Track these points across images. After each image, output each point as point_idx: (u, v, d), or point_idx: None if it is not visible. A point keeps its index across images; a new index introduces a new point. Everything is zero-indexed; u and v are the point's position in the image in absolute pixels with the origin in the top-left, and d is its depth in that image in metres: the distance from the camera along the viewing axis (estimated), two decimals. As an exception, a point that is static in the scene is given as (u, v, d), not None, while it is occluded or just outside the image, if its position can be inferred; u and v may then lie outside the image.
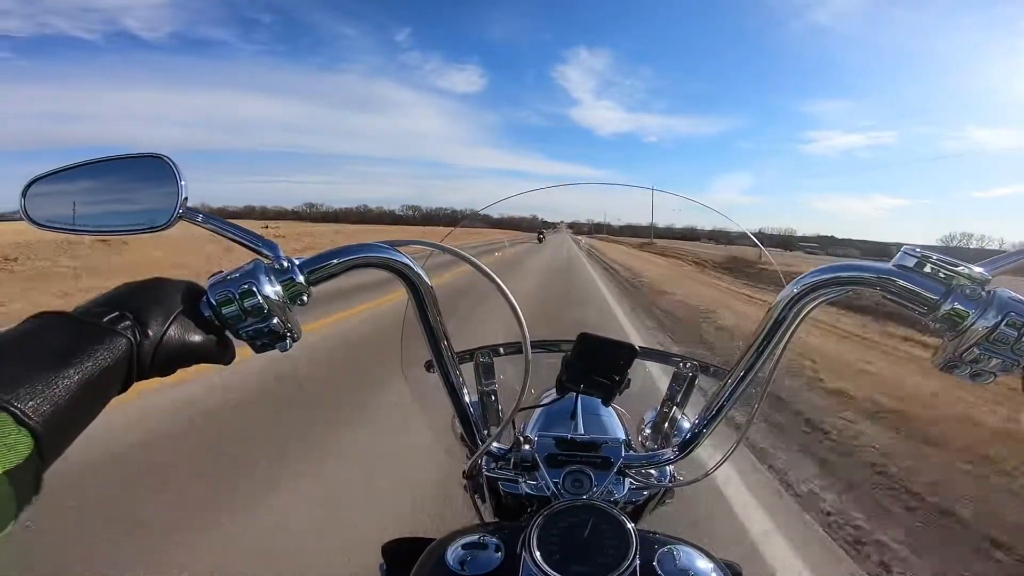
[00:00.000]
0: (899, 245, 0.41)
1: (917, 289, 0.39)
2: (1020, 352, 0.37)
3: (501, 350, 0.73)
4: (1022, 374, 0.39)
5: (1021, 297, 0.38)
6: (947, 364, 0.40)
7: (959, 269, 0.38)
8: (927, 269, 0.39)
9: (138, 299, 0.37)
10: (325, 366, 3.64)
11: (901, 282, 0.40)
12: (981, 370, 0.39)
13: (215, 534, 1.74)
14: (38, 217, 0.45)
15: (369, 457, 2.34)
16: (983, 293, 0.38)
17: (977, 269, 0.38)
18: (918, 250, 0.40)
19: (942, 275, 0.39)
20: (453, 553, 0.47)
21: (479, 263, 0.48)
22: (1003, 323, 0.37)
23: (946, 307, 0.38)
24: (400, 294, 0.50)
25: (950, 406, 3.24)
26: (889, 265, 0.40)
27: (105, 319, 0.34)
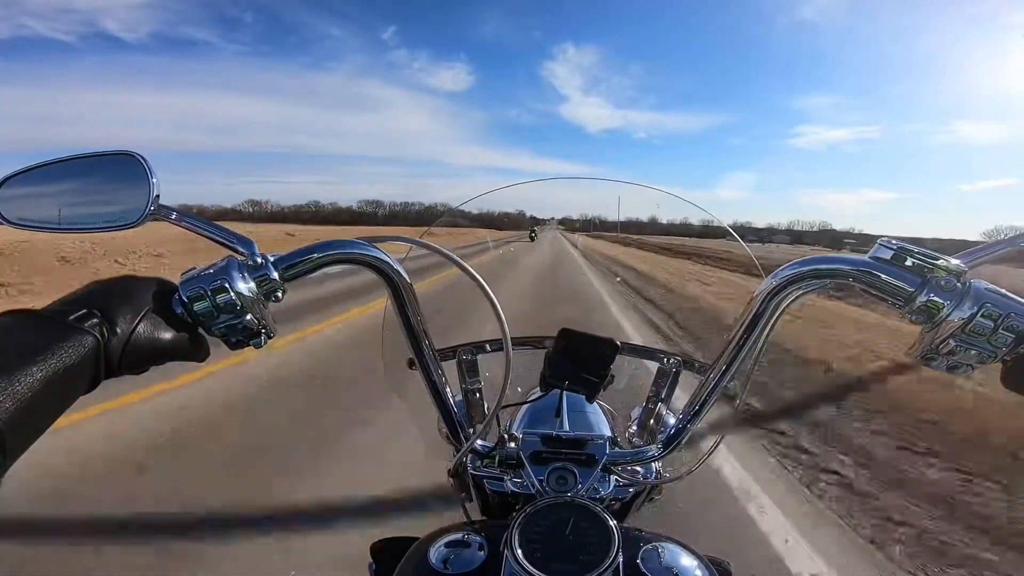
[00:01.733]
0: (935, 240, 0.41)
1: (893, 281, 0.39)
2: (997, 343, 0.37)
3: (487, 347, 0.73)
4: (1001, 366, 0.39)
5: (997, 288, 0.37)
6: (924, 356, 0.40)
7: (936, 261, 0.38)
8: (906, 262, 0.39)
9: (107, 297, 0.36)
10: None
11: (878, 274, 0.40)
12: (958, 362, 0.39)
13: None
14: (10, 215, 0.44)
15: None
16: (958, 284, 0.38)
17: (954, 261, 0.38)
18: (894, 242, 0.40)
19: (919, 267, 0.39)
20: (436, 551, 0.47)
21: (457, 258, 0.47)
22: (979, 314, 0.36)
23: (922, 298, 0.38)
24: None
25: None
26: (866, 257, 0.40)
27: (71, 317, 0.33)
